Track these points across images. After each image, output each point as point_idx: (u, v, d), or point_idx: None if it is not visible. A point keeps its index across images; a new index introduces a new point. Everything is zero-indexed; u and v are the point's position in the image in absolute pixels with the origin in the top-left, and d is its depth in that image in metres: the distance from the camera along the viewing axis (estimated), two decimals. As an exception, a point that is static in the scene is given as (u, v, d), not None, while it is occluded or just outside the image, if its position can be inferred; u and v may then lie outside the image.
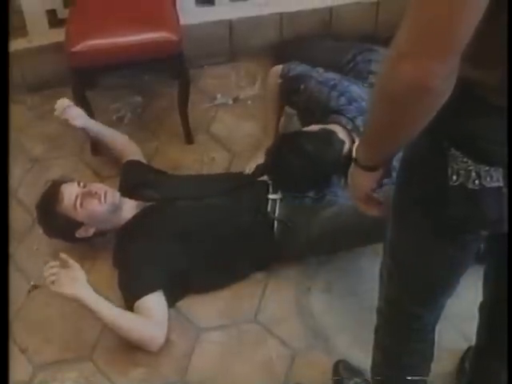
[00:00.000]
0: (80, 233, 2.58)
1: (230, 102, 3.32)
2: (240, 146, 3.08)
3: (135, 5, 2.96)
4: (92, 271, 2.57)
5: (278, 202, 2.60)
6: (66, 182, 2.62)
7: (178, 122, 3.10)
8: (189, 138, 3.12)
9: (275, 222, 2.56)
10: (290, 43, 3.38)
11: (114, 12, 2.91)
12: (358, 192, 1.53)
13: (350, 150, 2.48)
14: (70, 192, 2.55)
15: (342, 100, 2.65)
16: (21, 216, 2.82)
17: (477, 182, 1.30)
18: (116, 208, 2.59)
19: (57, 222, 2.56)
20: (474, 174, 1.29)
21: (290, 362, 2.37)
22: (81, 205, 2.53)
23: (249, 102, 3.29)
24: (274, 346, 2.41)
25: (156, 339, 2.38)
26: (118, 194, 2.62)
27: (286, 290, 2.56)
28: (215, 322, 2.49)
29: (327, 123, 2.61)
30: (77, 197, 2.53)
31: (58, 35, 3.08)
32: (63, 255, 2.36)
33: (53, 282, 2.29)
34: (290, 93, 2.76)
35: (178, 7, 3.06)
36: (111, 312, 2.35)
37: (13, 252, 2.66)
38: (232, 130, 3.17)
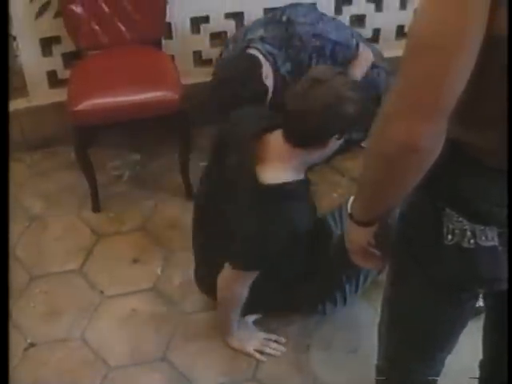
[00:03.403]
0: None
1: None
2: (238, 203, 3.09)
3: (136, 64, 3.02)
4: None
5: None
6: None
7: (176, 180, 3.13)
8: (189, 195, 3.13)
9: None
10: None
11: (115, 71, 2.97)
12: (354, 246, 1.54)
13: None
14: None
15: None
16: (18, 273, 2.81)
17: (472, 241, 1.31)
18: None
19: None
20: (469, 233, 1.31)
21: (290, 421, 2.35)
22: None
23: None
24: (273, 405, 2.39)
25: None
26: None
27: (285, 348, 2.54)
28: (213, 380, 2.46)
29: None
30: None
31: (58, 95, 3.14)
32: None
33: None
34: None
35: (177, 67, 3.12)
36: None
37: (9, 309, 2.64)
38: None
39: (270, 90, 2.78)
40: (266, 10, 3.22)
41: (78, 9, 3.02)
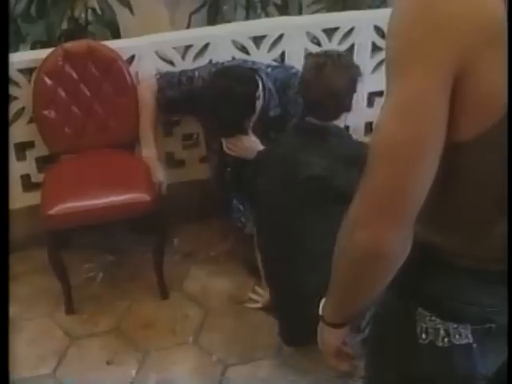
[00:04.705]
0: None
1: (203, 258, 3.37)
2: (213, 303, 3.10)
3: (109, 167, 3.08)
4: None
5: None
6: None
7: (150, 280, 3.14)
8: (164, 294, 3.14)
9: None
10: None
11: (88, 175, 3.02)
12: (327, 348, 1.53)
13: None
14: None
15: None
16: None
17: (446, 339, 1.32)
18: None
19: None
20: (442, 331, 1.32)
21: None
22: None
23: (221, 259, 3.35)
24: None
25: None
26: None
27: None
28: None
29: None
30: None
31: (32, 198, 3.16)
32: None
33: None
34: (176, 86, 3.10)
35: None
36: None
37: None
38: (205, 287, 3.21)
39: (256, 112, 2.89)
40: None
41: (51, 114, 3.09)
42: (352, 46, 3.44)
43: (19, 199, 3.31)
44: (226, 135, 2.97)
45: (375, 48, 3.43)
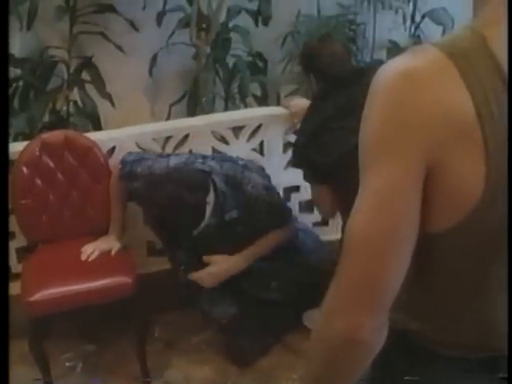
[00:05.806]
0: None
1: (185, 346, 3.34)
2: (197, 393, 3.07)
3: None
4: None
5: None
6: None
7: (131, 369, 3.10)
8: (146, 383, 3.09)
9: None
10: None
11: (67, 261, 3.02)
12: None
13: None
14: None
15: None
16: None
17: None
18: None
19: None
20: None
21: None
22: None
23: (202, 346, 3.32)
24: None
25: None
26: None
27: None
28: None
29: None
30: None
31: (12, 289, 3.09)
32: None
33: None
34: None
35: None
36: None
37: None
38: (187, 375, 3.17)
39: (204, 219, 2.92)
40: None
41: (28, 203, 3.10)
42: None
43: None
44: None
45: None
